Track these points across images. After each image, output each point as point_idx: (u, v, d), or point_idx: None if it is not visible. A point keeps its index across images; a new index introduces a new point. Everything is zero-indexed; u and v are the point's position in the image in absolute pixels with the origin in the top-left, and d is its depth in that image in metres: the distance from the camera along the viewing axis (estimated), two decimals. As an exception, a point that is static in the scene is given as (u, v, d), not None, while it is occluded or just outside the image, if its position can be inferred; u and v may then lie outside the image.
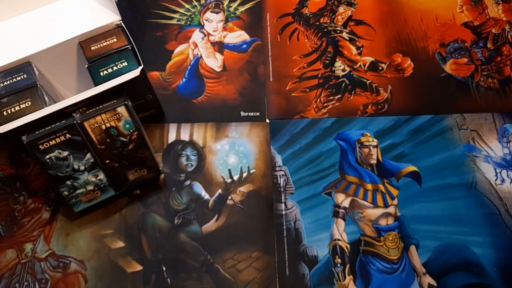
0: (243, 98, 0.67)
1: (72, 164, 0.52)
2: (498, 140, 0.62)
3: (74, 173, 0.53)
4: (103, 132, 0.52)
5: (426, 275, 0.53)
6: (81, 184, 0.54)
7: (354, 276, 0.53)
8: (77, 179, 0.53)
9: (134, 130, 0.53)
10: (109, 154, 0.53)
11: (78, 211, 0.56)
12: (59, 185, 0.53)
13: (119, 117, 0.52)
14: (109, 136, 0.52)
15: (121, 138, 0.53)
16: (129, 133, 0.53)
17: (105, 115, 0.51)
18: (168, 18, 0.76)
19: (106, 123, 0.51)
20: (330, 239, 0.55)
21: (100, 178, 0.55)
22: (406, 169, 0.60)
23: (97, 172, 0.54)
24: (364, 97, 0.66)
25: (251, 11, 0.77)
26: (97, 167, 0.54)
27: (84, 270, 0.55)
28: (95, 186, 0.55)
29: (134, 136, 0.53)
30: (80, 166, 0.53)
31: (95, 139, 0.52)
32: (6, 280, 0.54)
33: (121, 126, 0.52)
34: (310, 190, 0.59)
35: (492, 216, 0.56)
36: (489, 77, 0.67)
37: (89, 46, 0.57)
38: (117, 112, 0.51)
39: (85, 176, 0.54)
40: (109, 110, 0.51)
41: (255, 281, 0.53)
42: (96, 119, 0.51)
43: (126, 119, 0.52)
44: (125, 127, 0.52)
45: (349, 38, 0.73)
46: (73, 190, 0.54)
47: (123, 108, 0.52)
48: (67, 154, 0.51)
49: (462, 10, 0.75)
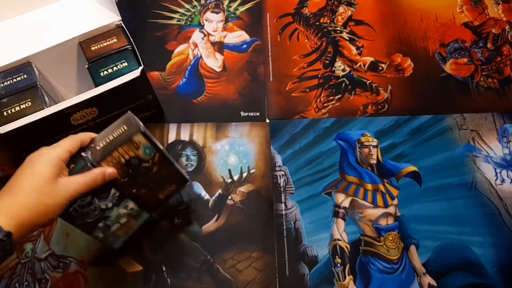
0: (243, 98, 0.67)
1: (99, 206, 0.47)
2: (498, 140, 0.62)
3: (103, 214, 0.47)
4: (123, 166, 0.46)
5: (426, 275, 0.53)
6: (113, 221, 0.49)
7: (354, 276, 0.53)
8: (108, 218, 0.48)
9: (155, 153, 0.48)
10: (134, 184, 0.49)
11: (119, 246, 0.52)
12: (92, 231, 0.48)
13: (137, 146, 0.46)
14: (131, 167, 0.47)
15: (143, 164, 0.48)
16: (150, 157, 0.48)
17: (122, 149, 0.46)
18: (168, 18, 0.76)
19: (124, 156, 0.46)
20: (330, 239, 0.55)
21: (131, 208, 0.50)
22: (406, 169, 0.60)
23: (126, 203, 0.49)
24: (364, 97, 0.66)
25: (251, 11, 0.77)
26: (125, 198, 0.49)
27: (84, 270, 0.55)
28: (128, 216, 0.50)
29: (156, 158, 0.48)
30: (107, 204, 0.47)
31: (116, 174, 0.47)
32: (6, 280, 0.54)
33: (141, 154, 0.47)
34: (310, 190, 0.59)
35: (492, 216, 0.56)
36: (489, 77, 0.67)
37: (89, 46, 0.57)
38: (133, 141, 0.46)
39: (115, 212, 0.49)
40: (125, 143, 0.46)
41: (255, 281, 0.53)
42: (113, 156, 0.46)
43: (144, 145, 0.47)
44: (146, 153, 0.47)
45: (349, 38, 0.73)
46: (108, 230, 0.49)
47: (139, 136, 0.46)
48: (90, 199, 0.46)
49: (462, 10, 0.75)
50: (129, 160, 0.46)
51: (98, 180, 0.44)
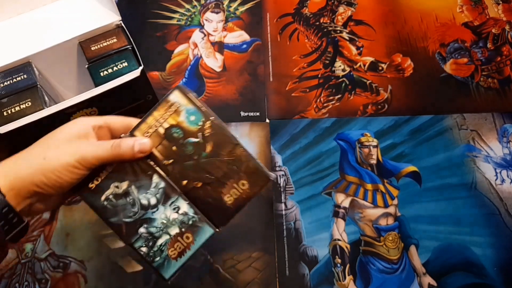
0: (243, 98, 0.67)
1: (139, 199, 0.36)
2: (498, 140, 0.62)
3: (145, 213, 0.37)
4: (163, 139, 0.37)
5: (426, 275, 0.53)
6: (160, 228, 0.37)
7: (354, 276, 0.53)
8: (152, 222, 0.37)
9: (204, 121, 0.37)
10: (183, 170, 0.37)
11: (171, 276, 0.38)
12: (131, 238, 0.37)
13: (176, 109, 0.36)
14: (174, 141, 0.37)
15: (190, 139, 0.37)
16: (198, 127, 0.37)
17: (157, 113, 0.36)
18: (168, 18, 0.76)
19: (162, 123, 0.37)
20: (330, 239, 0.55)
21: (183, 211, 0.37)
22: (406, 169, 0.60)
23: (176, 202, 0.37)
24: (364, 97, 0.66)
25: (251, 11, 0.77)
26: (173, 193, 0.37)
27: (84, 270, 0.55)
28: (181, 225, 0.37)
29: (208, 129, 0.37)
30: (150, 199, 0.37)
31: (156, 153, 0.37)
32: (6, 280, 0.54)
33: (185, 121, 0.36)
34: (310, 190, 0.59)
35: (492, 216, 0.56)
36: (489, 77, 0.67)
37: (89, 46, 0.57)
38: (170, 102, 0.36)
39: (161, 213, 0.37)
40: (160, 104, 0.37)
41: (255, 281, 0.53)
42: (148, 122, 0.37)
43: (187, 108, 0.36)
44: (190, 121, 0.36)
45: (349, 38, 0.73)
46: (153, 242, 0.37)
47: (176, 94, 0.36)
48: (127, 186, 0.36)
49: (462, 10, 0.75)
50: (170, 130, 0.37)
51: (125, 150, 0.35)
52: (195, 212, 0.38)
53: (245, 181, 0.38)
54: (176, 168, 0.37)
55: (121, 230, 0.37)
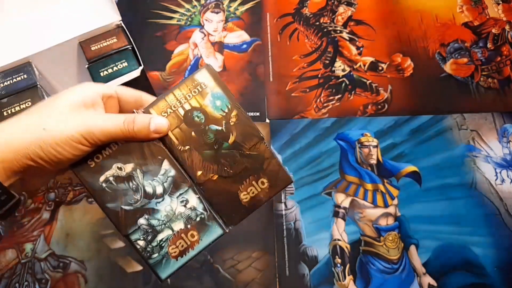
0: (243, 98, 0.67)
1: (143, 185, 0.33)
2: (498, 140, 0.62)
3: (148, 202, 0.33)
4: (182, 122, 0.33)
5: (426, 275, 0.53)
6: (163, 222, 0.33)
7: (354, 276, 0.53)
8: (155, 213, 0.33)
9: (230, 108, 0.33)
10: (199, 160, 0.34)
11: (167, 277, 0.34)
12: (128, 229, 0.33)
13: (202, 90, 0.33)
14: (193, 126, 0.33)
15: (212, 125, 0.33)
16: (223, 114, 0.33)
17: (179, 91, 0.33)
18: (168, 18, 0.76)
19: (183, 104, 0.33)
20: (330, 239, 0.55)
21: (192, 206, 0.34)
22: (406, 169, 0.60)
23: (185, 194, 0.34)
24: (364, 97, 0.66)
25: (251, 11, 0.77)
26: (183, 183, 0.34)
27: (84, 270, 0.55)
28: (187, 221, 0.34)
29: (233, 118, 0.34)
30: (156, 187, 0.33)
31: (172, 136, 0.33)
32: (6, 280, 0.54)
33: (209, 106, 0.33)
34: (310, 190, 0.59)
35: (492, 216, 0.56)
36: (489, 77, 0.67)
37: (89, 46, 0.57)
38: (196, 81, 0.33)
39: (166, 205, 0.33)
40: (184, 82, 0.33)
41: (255, 281, 0.53)
42: (167, 100, 0.33)
43: (213, 91, 0.33)
44: (215, 106, 0.33)
45: (349, 38, 0.73)
46: (152, 236, 0.33)
47: (204, 73, 0.33)
48: (131, 169, 0.32)
49: (462, 10, 0.75)
50: (191, 112, 0.33)
51: (139, 128, 0.31)
52: (205, 208, 0.34)
53: (266, 180, 0.35)
54: (192, 157, 0.33)
55: (118, 218, 0.33)
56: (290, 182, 0.36)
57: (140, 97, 0.36)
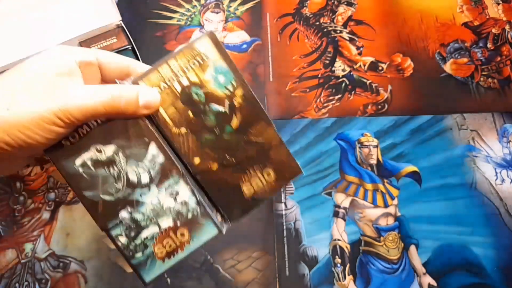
0: (243, 98, 0.67)
1: (126, 172, 0.28)
2: (498, 140, 0.62)
3: (131, 192, 0.28)
4: (178, 99, 0.28)
5: (426, 275, 0.53)
6: (148, 217, 0.29)
7: (354, 276, 0.53)
8: (139, 206, 0.28)
9: (236, 86, 0.28)
10: (197, 145, 0.29)
11: (152, 280, 0.31)
12: (108, 223, 0.29)
13: (203, 62, 0.28)
14: (191, 105, 0.28)
15: (213, 105, 0.29)
16: (227, 93, 0.28)
17: (175, 62, 0.28)
18: (168, 18, 0.76)
19: (180, 78, 0.28)
20: (330, 239, 0.55)
21: (183, 200, 0.29)
22: (406, 169, 0.60)
23: (176, 186, 0.29)
24: (364, 97, 0.66)
25: (251, 11, 0.77)
26: (174, 172, 0.28)
27: (84, 270, 0.55)
28: (177, 217, 0.29)
29: (239, 98, 0.29)
30: (141, 175, 0.28)
31: (165, 116, 0.28)
32: (6, 280, 0.54)
33: (211, 81, 0.28)
34: (310, 190, 0.59)
35: (492, 216, 0.56)
36: (489, 77, 0.67)
37: (89, 46, 0.57)
38: (196, 51, 0.28)
39: (153, 197, 0.28)
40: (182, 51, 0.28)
41: (255, 281, 0.53)
42: (161, 73, 0.28)
43: (216, 65, 0.28)
44: (218, 82, 0.28)
45: (349, 38, 0.73)
46: (136, 233, 0.29)
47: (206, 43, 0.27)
48: (113, 152, 0.28)
49: (462, 10, 0.75)
50: (189, 89, 0.28)
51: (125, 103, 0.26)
52: (198, 203, 0.29)
53: (272, 170, 0.30)
54: (188, 141, 0.29)
55: (96, 209, 0.29)
56: (300, 173, 0.32)
57: (127, 66, 0.30)
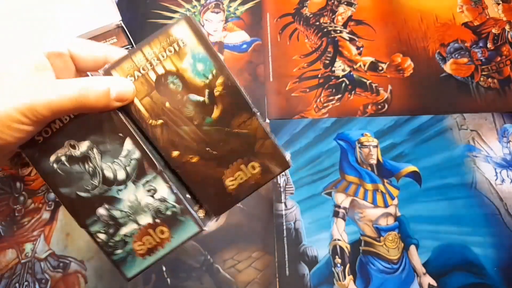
0: (243, 98, 0.67)
1: (102, 168, 0.27)
2: (498, 140, 0.62)
3: (108, 189, 0.28)
4: (154, 89, 0.26)
5: (426, 275, 0.53)
6: (126, 213, 0.28)
7: (354, 276, 0.53)
8: (116, 202, 0.28)
9: (215, 74, 0.27)
10: (175, 137, 0.27)
11: (134, 276, 0.30)
12: (86, 220, 0.29)
13: (179, 49, 0.26)
14: (168, 95, 0.27)
15: (191, 96, 0.27)
16: (206, 81, 0.27)
17: (150, 49, 0.26)
18: (168, 18, 0.76)
19: (155, 66, 0.26)
20: (330, 239, 0.55)
21: (161, 196, 0.28)
22: (406, 169, 0.60)
23: (154, 182, 0.28)
24: (364, 97, 0.66)
25: (251, 11, 0.77)
26: (151, 168, 0.28)
27: (84, 270, 0.55)
28: (155, 214, 0.28)
29: (219, 86, 0.27)
30: (117, 172, 0.27)
31: (140, 107, 0.27)
32: (6, 280, 0.54)
33: (188, 70, 0.26)
34: (310, 190, 0.59)
35: (492, 216, 0.56)
36: (489, 77, 0.67)
37: (89, 46, 0.57)
38: (172, 37, 0.26)
39: (130, 194, 0.28)
40: (156, 37, 0.26)
41: (255, 281, 0.53)
42: (135, 61, 0.26)
43: (194, 51, 0.26)
44: (196, 70, 0.26)
45: (349, 38, 0.73)
46: (114, 229, 0.29)
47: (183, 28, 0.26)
48: (87, 148, 0.27)
49: (462, 10, 0.75)
50: (165, 77, 0.26)
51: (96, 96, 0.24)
52: (177, 200, 0.28)
53: (257, 163, 0.30)
54: (166, 133, 0.27)
55: (73, 206, 0.28)
56: (287, 167, 0.31)
57: (103, 56, 0.28)
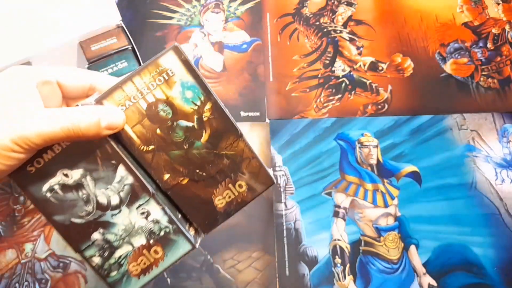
0: (243, 98, 0.67)
1: (95, 195, 0.28)
2: (498, 140, 0.62)
3: (102, 214, 0.29)
4: (145, 117, 0.28)
5: (426, 275, 0.53)
6: (121, 237, 0.29)
7: (354, 276, 0.53)
8: (111, 227, 0.29)
9: (203, 101, 0.28)
10: (166, 162, 0.29)
11: None
12: (81, 245, 0.29)
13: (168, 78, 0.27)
14: (159, 122, 0.28)
15: (181, 122, 0.29)
16: (195, 108, 0.28)
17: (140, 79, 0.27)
18: (168, 18, 0.76)
19: (146, 95, 0.27)
20: (330, 239, 0.55)
21: (154, 218, 0.29)
22: (406, 169, 0.60)
23: (146, 205, 0.29)
24: (364, 97, 0.66)
25: (251, 11, 0.77)
26: (143, 192, 0.29)
27: (84, 270, 0.55)
28: (149, 235, 0.30)
29: (207, 112, 0.29)
30: (110, 198, 0.28)
31: (132, 135, 0.28)
32: (6, 280, 0.54)
33: (177, 98, 0.28)
34: (310, 190, 0.59)
35: (492, 216, 0.56)
36: (489, 77, 0.67)
37: (89, 46, 0.57)
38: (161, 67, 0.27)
39: (124, 218, 0.29)
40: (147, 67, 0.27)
41: (255, 281, 0.53)
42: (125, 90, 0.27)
43: (183, 80, 0.28)
44: (185, 98, 0.28)
45: (349, 38, 0.73)
46: (109, 252, 0.29)
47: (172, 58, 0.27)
48: (80, 176, 0.28)
49: (462, 10, 0.75)
50: (155, 106, 0.28)
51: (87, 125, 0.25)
52: (170, 220, 0.29)
53: (243, 182, 0.31)
54: (157, 158, 0.29)
55: (68, 232, 0.28)
56: (271, 184, 0.32)
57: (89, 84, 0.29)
